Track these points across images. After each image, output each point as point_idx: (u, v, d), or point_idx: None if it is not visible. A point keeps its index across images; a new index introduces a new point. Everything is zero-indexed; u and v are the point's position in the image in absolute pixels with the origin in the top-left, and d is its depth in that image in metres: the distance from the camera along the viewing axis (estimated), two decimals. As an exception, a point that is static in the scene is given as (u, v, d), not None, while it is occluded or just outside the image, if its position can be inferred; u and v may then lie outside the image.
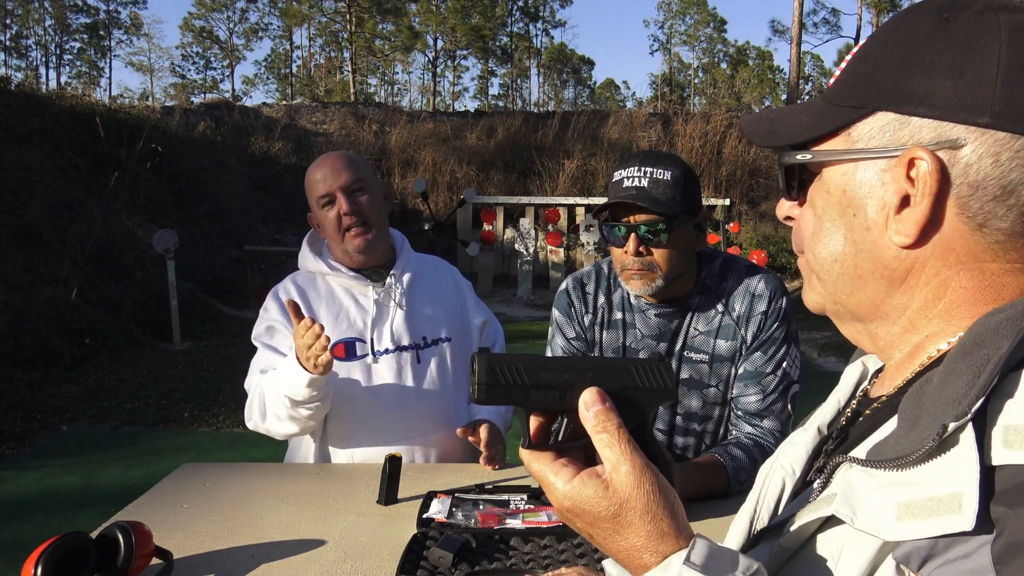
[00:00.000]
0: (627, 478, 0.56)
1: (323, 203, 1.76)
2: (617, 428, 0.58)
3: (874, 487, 0.51)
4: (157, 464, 4.45)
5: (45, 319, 7.51)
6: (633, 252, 1.47)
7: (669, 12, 45.66)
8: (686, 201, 1.46)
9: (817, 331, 10.05)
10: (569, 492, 0.58)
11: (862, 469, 0.53)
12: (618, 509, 0.56)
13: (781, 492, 0.73)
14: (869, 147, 0.57)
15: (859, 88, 0.57)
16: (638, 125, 19.08)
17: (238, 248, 12.50)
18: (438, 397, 1.80)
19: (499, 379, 0.59)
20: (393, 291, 1.82)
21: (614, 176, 1.50)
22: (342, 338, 1.77)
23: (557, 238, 14.98)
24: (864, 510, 0.50)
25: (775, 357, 1.55)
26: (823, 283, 0.63)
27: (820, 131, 0.59)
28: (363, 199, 1.77)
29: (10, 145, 10.30)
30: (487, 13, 36.63)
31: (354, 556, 1.22)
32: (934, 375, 0.53)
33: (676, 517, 0.56)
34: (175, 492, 1.53)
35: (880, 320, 0.62)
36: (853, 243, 0.59)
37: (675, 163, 1.48)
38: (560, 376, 0.60)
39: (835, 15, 41.89)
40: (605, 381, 0.61)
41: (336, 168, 1.76)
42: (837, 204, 0.59)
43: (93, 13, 39.03)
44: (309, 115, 19.01)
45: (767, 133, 0.63)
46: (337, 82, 37.47)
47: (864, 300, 0.61)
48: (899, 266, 0.58)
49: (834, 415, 0.76)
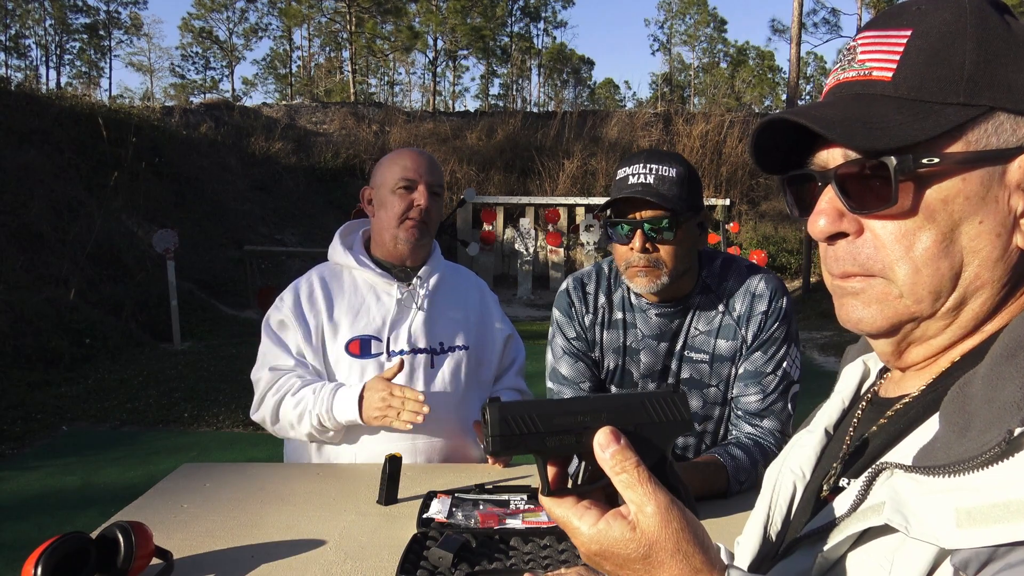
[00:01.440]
0: (653, 518, 0.55)
1: (401, 186, 1.77)
2: (636, 467, 0.56)
3: (923, 493, 0.49)
4: (157, 464, 4.45)
5: (45, 319, 7.51)
6: (639, 248, 1.46)
7: (669, 12, 45.70)
8: (690, 198, 1.47)
9: (817, 331, 10.05)
10: (596, 536, 0.56)
11: (907, 475, 0.51)
12: (647, 550, 0.55)
13: (793, 496, 0.71)
14: (988, 148, 0.53)
15: (966, 85, 0.53)
16: (638, 125, 19.09)
17: (238, 248, 12.50)
18: (448, 403, 1.79)
19: (513, 429, 0.57)
20: (416, 293, 1.82)
21: (618, 174, 1.50)
22: (358, 335, 1.77)
23: (557, 238, 14.98)
24: (918, 518, 0.48)
25: (775, 357, 1.55)
26: (915, 300, 0.57)
27: (935, 132, 0.53)
28: (435, 204, 1.81)
29: (10, 145, 10.30)
30: (487, 13, 36.63)
31: (354, 556, 1.22)
32: (974, 377, 0.51)
33: (707, 552, 0.55)
34: (175, 492, 1.53)
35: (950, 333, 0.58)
36: (977, 252, 0.55)
37: (679, 161, 1.49)
38: (574, 419, 0.58)
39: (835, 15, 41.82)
40: (620, 419, 0.59)
41: (430, 165, 1.81)
42: (959, 213, 0.54)
43: (93, 13, 39.04)
44: (309, 115, 19.01)
45: (864, 133, 0.54)
46: (337, 82, 37.48)
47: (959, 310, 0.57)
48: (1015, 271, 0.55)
49: (840, 416, 0.74)
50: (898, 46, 0.56)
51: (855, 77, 0.58)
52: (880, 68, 0.56)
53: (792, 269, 14.08)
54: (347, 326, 1.78)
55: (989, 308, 0.56)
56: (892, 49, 0.56)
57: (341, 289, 1.82)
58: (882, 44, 0.56)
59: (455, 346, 1.84)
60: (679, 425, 0.61)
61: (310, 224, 15.43)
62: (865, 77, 0.57)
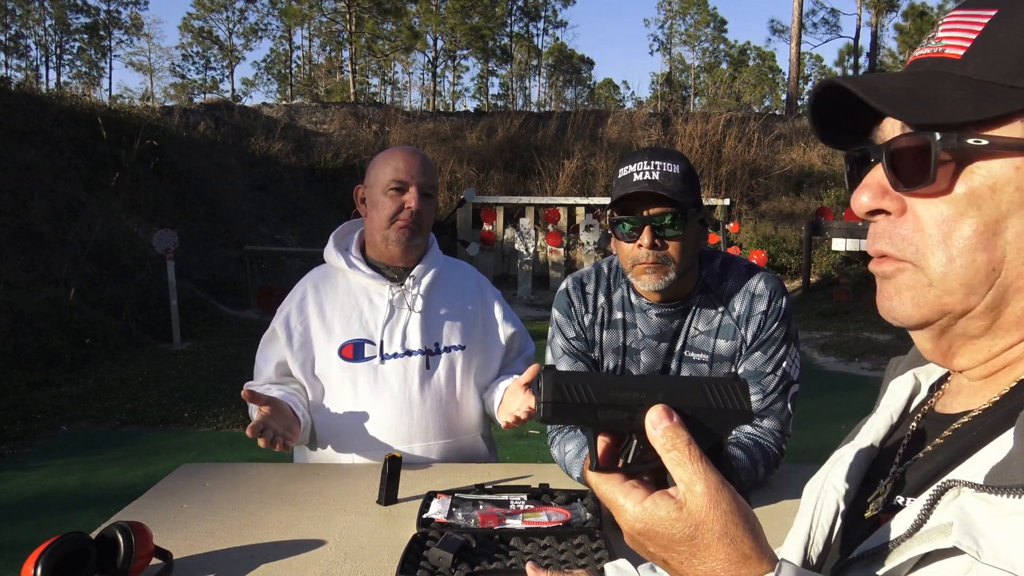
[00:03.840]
0: (702, 498, 0.52)
1: (392, 187, 1.76)
2: (687, 444, 0.54)
3: (996, 516, 0.46)
4: (157, 464, 4.45)
5: (45, 319, 7.51)
6: (648, 245, 1.46)
7: (670, 12, 45.69)
8: (693, 194, 1.48)
9: (817, 331, 10.05)
10: (640, 514, 0.54)
11: (976, 495, 0.48)
12: (694, 531, 0.52)
13: (836, 513, 0.67)
14: None
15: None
16: (638, 125, 19.08)
17: (238, 248, 12.49)
18: (443, 405, 1.79)
19: (566, 397, 0.56)
20: (409, 294, 1.81)
21: (620, 172, 1.49)
22: (351, 339, 1.76)
23: (557, 238, 14.97)
24: (989, 542, 0.45)
25: (775, 357, 1.55)
26: (945, 291, 0.54)
27: (990, 113, 0.50)
28: (427, 206, 1.79)
29: (10, 145, 10.29)
30: (487, 13, 36.62)
31: (354, 556, 1.22)
32: None
33: (758, 539, 0.53)
34: (175, 492, 1.53)
35: (993, 334, 0.55)
36: (1022, 250, 0.51)
37: (680, 158, 1.50)
38: (630, 395, 0.57)
39: (835, 15, 41.98)
40: (677, 400, 0.57)
41: (422, 165, 1.79)
42: (1007, 203, 0.51)
43: (93, 13, 39.02)
44: (309, 115, 19.00)
45: (912, 104, 0.52)
46: (337, 82, 37.46)
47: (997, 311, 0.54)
48: None
49: (888, 431, 0.70)
50: (978, 26, 0.53)
51: (929, 54, 0.55)
52: (953, 46, 0.54)
53: (792, 269, 14.06)
54: (340, 330, 1.77)
55: None
56: (971, 28, 0.53)
57: (335, 292, 1.81)
58: (964, 22, 0.54)
59: (451, 346, 1.82)
60: (739, 415, 0.59)
61: (310, 224, 15.42)
62: (938, 54, 0.54)
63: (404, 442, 1.75)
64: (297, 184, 16.51)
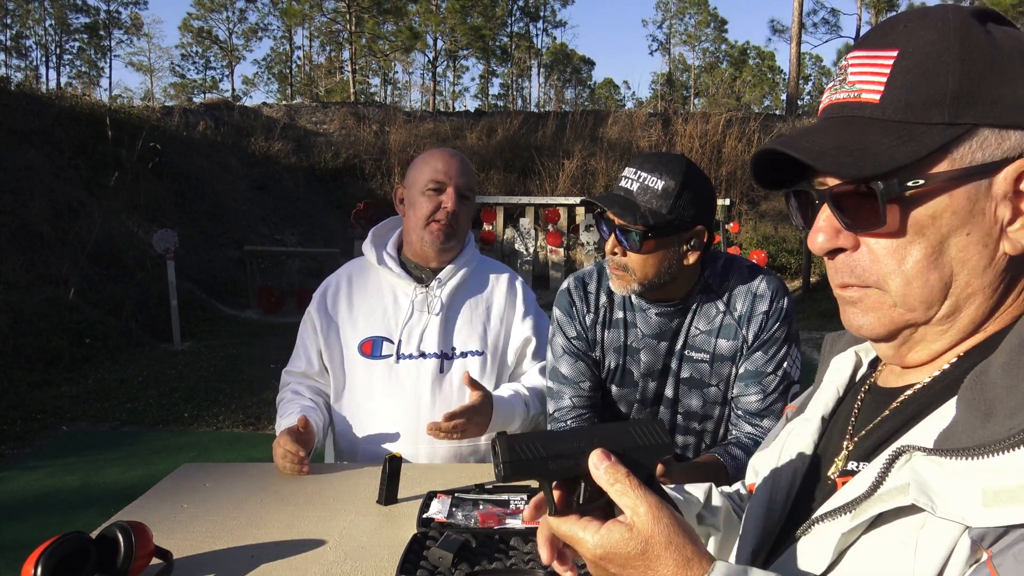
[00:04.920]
0: (646, 516, 0.60)
1: (430, 188, 1.77)
2: (626, 476, 0.62)
3: (947, 474, 0.52)
4: (157, 464, 4.45)
5: (45, 319, 7.50)
6: (609, 250, 1.49)
7: (668, 12, 45.67)
8: (675, 213, 1.42)
9: (817, 331, 10.05)
10: (599, 541, 0.62)
11: (928, 458, 0.54)
12: (644, 546, 0.60)
13: (792, 482, 0.75)
14: (974, 164, 0.56)
15: (950, 104, 0.55)
16: (638, 125, 19.07)
17: (238, 248, 12.49)
18: (452, 408, 1.77)
19: (520, 455, 0.65)
20: (432, 296, 1.80)
21: (623, 170, 1.51)
22: (371, 335, 1.78)
23: (557, 238, 14.96)
24: (941, 498, 0.52)
25: (776, 357, 1.55)
26: (908, 308, 0.61)
27: (921, 154, 0.56)
28: (464, 207, 1.80)
29: (10, 145, 10.29)
30: (487, 13, 36.61)
31: (354, 556, 1.22)
32: (990, 367, 0.55)
33: (696, 543, 0.60)
34: (175, 492, 1.53)
35: (949, 335, 0.62)
36: (966, 263, 0.58)
37: (673, 173, 1.43)
38: (572, 446, 0.66)
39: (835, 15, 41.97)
40: (611, 444, 0.66)
41: (461, 168, 1.80)
42: (947, 227, 0.57)
43: (93, 13, 39.03)
44: (309, 115, 18.99)
45: (851, 162, 0.57)
46: (337, 82, 37.46)
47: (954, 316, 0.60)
48: (1006, 276, 0.59)
49: (835, 404, 0.77)
50: (885, 67, 0.58)
51: (846, 99, 0.61)
52: (869, 91, 0.59)
53: (792, 269, 14.06)
54: (363, 325, 1.79)
55: (985, 312, 0.60)
56: (880, 71, 0.59)
57: (365, 287, 1.83)
58: (871, 65, 0.59)
59: (468, 351, 1.81)
60: (661, 448, 0.68)
61: (310, 224, 15.42)
62: (855, 99, 0.60)
63: (411, 443, 1.76)
64: (297, 184, 16.50)
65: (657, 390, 1.64)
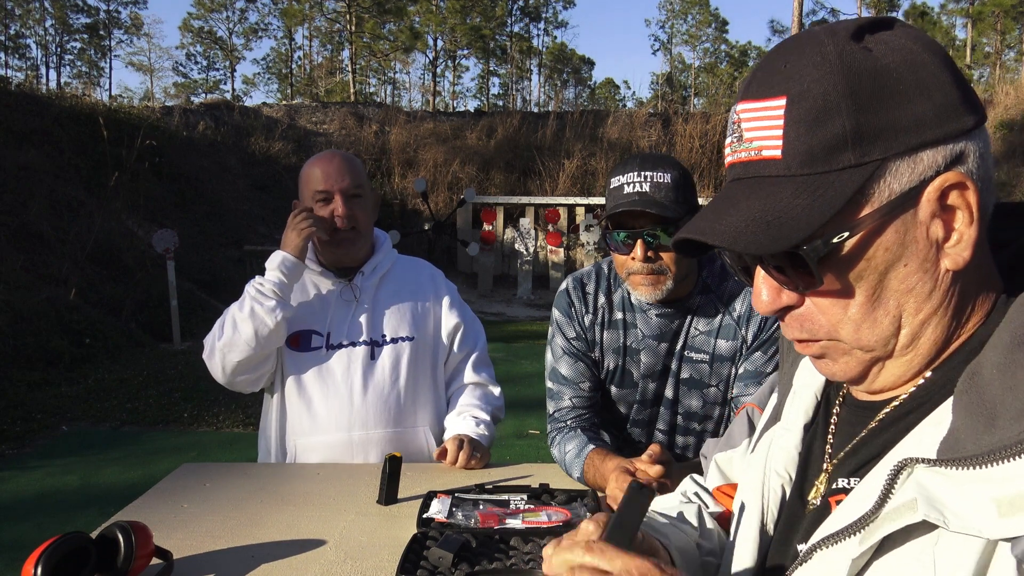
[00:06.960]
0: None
1: (318, 199, 1.80)
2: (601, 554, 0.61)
3: (955, 486, 0.49)
4: (157, 464, 4.45)
5: (45, 319, 7.50)
6: (641, 258, 1.45)
7: (671, 12, 45.69)
8: (686, 202, 1.45)
9: (817, 331, 10.05)
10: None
11: (931, 470, 0.51)
12: None
13: (783, 498, 0.72)
14: (894, 197, 0.54)
15: (852, 146, 0.54)
16: (638, 125, 19.06)
17: (238, 248, 12.49)
18: (386, 394, 1.82)
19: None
20: (356, 288, 1.85)
21: (611, 182, 1.48)
22: (296, 330, 1.81)
23: (557, 238, 14.97)
24: (954, 512, 0.49)
25: (775, 357, 1.55)
26: (866, 350, 0.60)
27: (838, 205, 0.54)
28: (358, 205, 1.81)
29: (10, 145, 10.29)
30: (487, 13, 36.61)
31: (354, 556, 1.22)
32: (982, 368, 0.52)
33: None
34: (175, 492, 1.53)
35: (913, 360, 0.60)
36: (911, 291, 0.57)
37: (671, 165, 1.46)
38: None
39: (835, 15, 41.91)
40: None
41: (340, 170, 1.80)
42: (882, 264, 0.56)
43: (93, 13, 39.05)
44: (309, 115, 18.99)
45: (769, 238, 0.55)
46: (337, 82, 37.46)
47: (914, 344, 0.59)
48: (955, 290, 0.57)
49: (815, 412, 0.74)
50: (778, 119, 0.56)
51: (748, 158, 0.59)
52: (768, 147, 0.57)
53: (792, 269, 14.09)
54: (293, 321, 1.82)
55: (945, 331, 0.58)
56: (773, 124, 0.56)
57: (301, 285, 1.87)
58: (763, 119, 0.57)
59: (399, 337, 1.85)
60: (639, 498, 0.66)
61: (310, 224, 15.41)
62: (757, 158, 0.58)
63: (344, 429, 1.79)
64: (297, 184, 16.50)
65: (657, 391, 1.64)
